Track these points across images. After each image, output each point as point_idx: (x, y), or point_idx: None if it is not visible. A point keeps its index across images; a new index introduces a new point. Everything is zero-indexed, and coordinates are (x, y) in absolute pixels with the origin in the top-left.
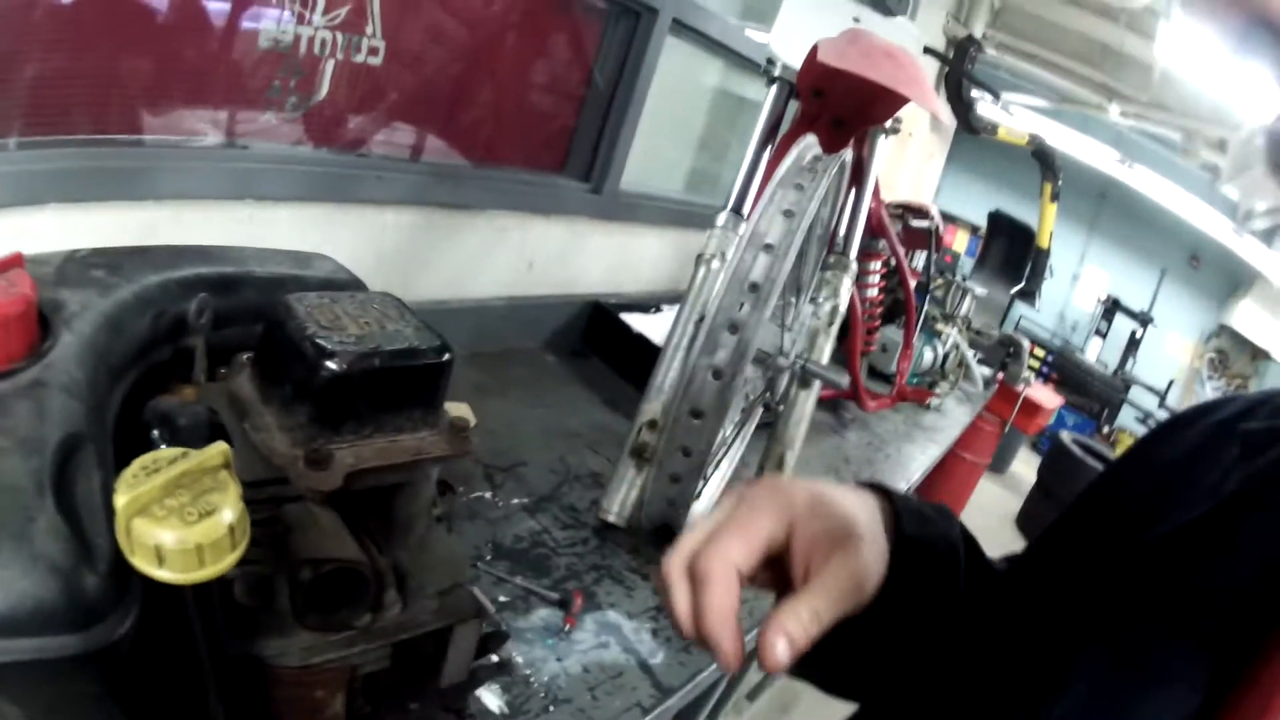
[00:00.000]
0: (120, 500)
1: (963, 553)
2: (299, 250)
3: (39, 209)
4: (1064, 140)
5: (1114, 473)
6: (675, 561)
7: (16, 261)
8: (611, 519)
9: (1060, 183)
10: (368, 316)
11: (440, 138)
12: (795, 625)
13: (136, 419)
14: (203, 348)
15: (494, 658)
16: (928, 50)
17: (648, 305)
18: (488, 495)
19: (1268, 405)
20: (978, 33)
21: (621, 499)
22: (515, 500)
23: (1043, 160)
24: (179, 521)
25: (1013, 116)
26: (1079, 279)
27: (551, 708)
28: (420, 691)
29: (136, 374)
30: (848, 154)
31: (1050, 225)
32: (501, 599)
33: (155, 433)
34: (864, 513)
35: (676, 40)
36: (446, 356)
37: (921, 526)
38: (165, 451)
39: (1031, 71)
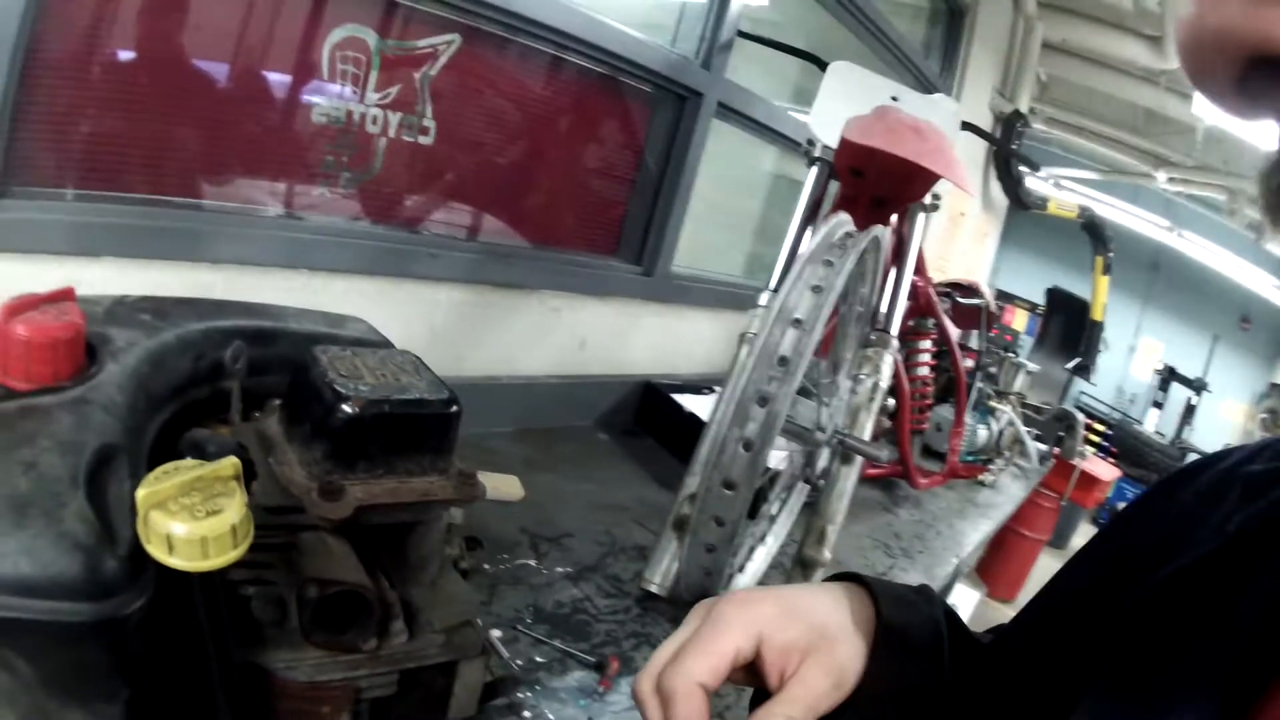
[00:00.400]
0: (141, 493)
1: (946, 633)
2: (335, 313)
3: (94, 260)
4: (1115, 211)
5: (1120, 521)
6: (645, 680)
7: (68, 295)
8: (653, 589)
9: (1112, 254)
10: (385, 370)
11: (493, 218)
12: None
13: (173, 447)
14: (238, 390)
15: (507, 700)
16: (969, 127)
17: (700, 386)
18: (532, 563)
19: (1269, 450)
20: (1024, 106)
21: (664, 569)
22: (559, 569)
23: (1093, 233)
24: (189, 516)
25: (1062, 190)
26: (1135, 351)
27: None
28: None
29: (174, 408)
30: (880, 230)
31: (1103, 298)
32: (538, 659)
33: (187, 458)
34: (837, 612)
35: (726, 125)
36: (454, 409)
37: (902, 611)
38: (186, 462)
39: (1080, 144)
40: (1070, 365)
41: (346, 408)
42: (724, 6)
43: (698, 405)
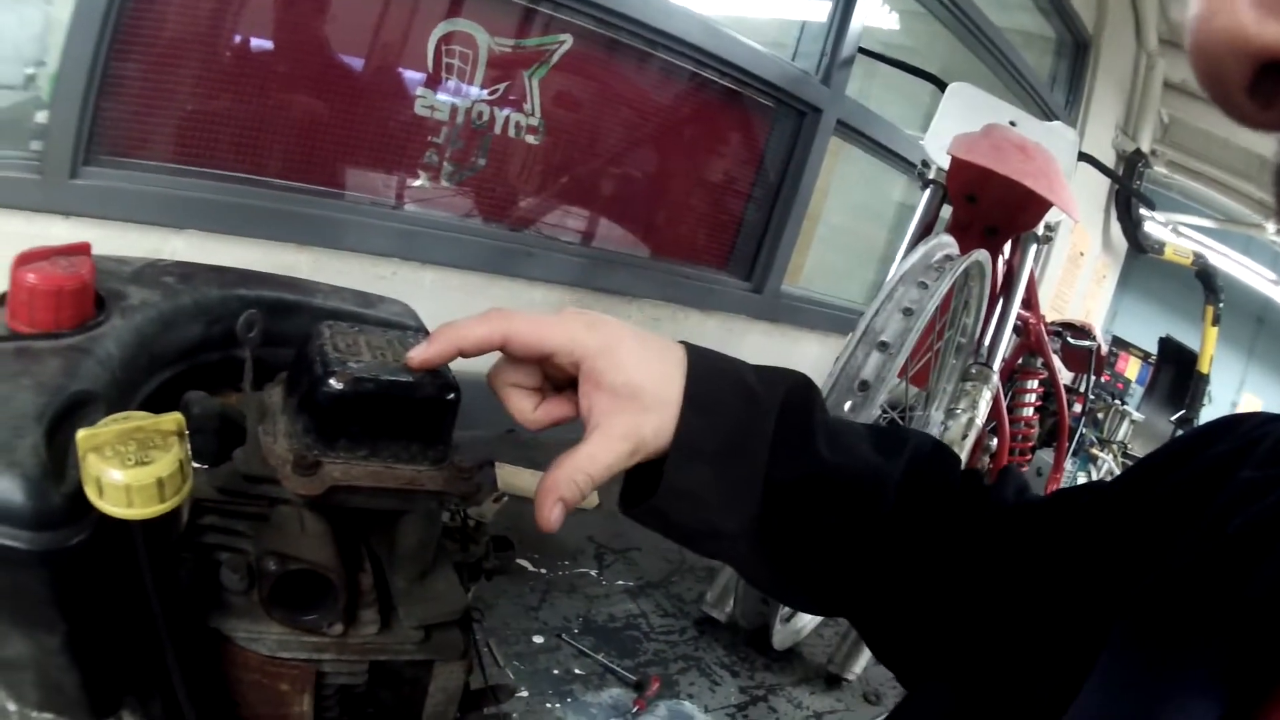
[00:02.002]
0: (81, 434)
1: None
2: (373, 293)
3: (178, 232)
4: (1225, 261)
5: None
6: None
7: (84, 249)
8: (713, 613)
9: (1223, 304)
10: (390, 351)
11: (598, 222)
12: (569, 489)
13: (173, 406)
14: (249, 359)
15: (494, 709)
16: (1087, 158)
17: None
18: (593, 573)
19: (1258, 452)
20: (1146, 146)
21: (726, 594)
22: (620, 581)
23: (1206, 282)
24: (120, 464)
25: (1179, 236)
26: (1237, 406)
27: None
28: None
29: (181, 369)
30: (982, 255)
31: (1211, 349)
32: (576, 670)
33: (140, 411)
34: (666, 383)
35: (856, 150)
36: (450, 396)
37: (709, 390)
38: (136, 413)
39: (1197, 189)
40: (1174, 418)
41: (332, 382)
42: (845, 23)
43: None
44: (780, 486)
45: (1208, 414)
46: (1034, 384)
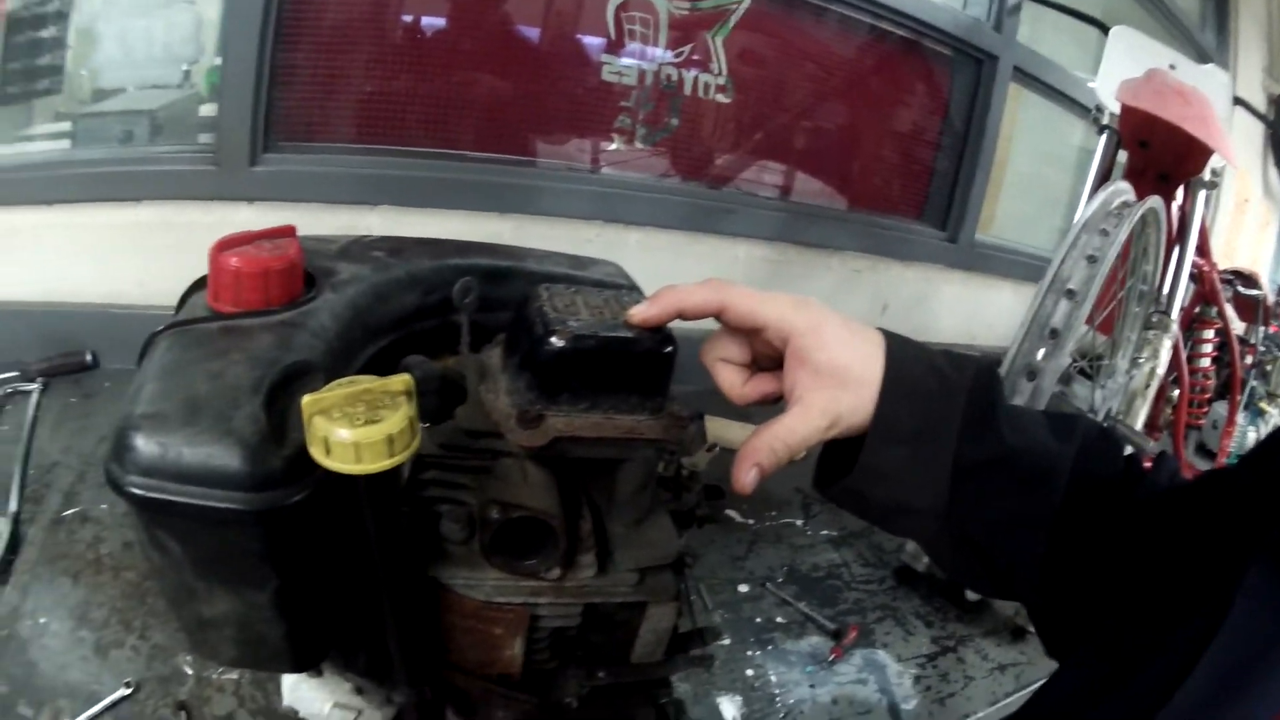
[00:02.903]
0: (306, 399)
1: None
2: (584, 256)
3: (372, 209)
4: None
5: None
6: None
7: (289, 231)
8: (912, 563)
9: None
10: (607, 309)
11: (794, 177)
12: (766, 457)
13: (391, 372)
14: (466, 324)
15: (699, 651)
16: (1241, 102)
17: (996, 361)
18: (799, 523)
19: None
20: None
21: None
22: (824, 532)
23: None
24: (348, 423)
25: None
26: None
27: None
28: (611, 664)
29: (396, 337)
30: (1156, 201)
31: None
32: (778, 619)
33: (368, 375)
34: (868, 363)
35: (1034, 97)
36: (668, 350)
37: (906, 368)
38: (361, 377)
39: None
40: None
41: (553, 340)
42: None
43: None
44: (968, 467)
45: None
46: (1210, 334)
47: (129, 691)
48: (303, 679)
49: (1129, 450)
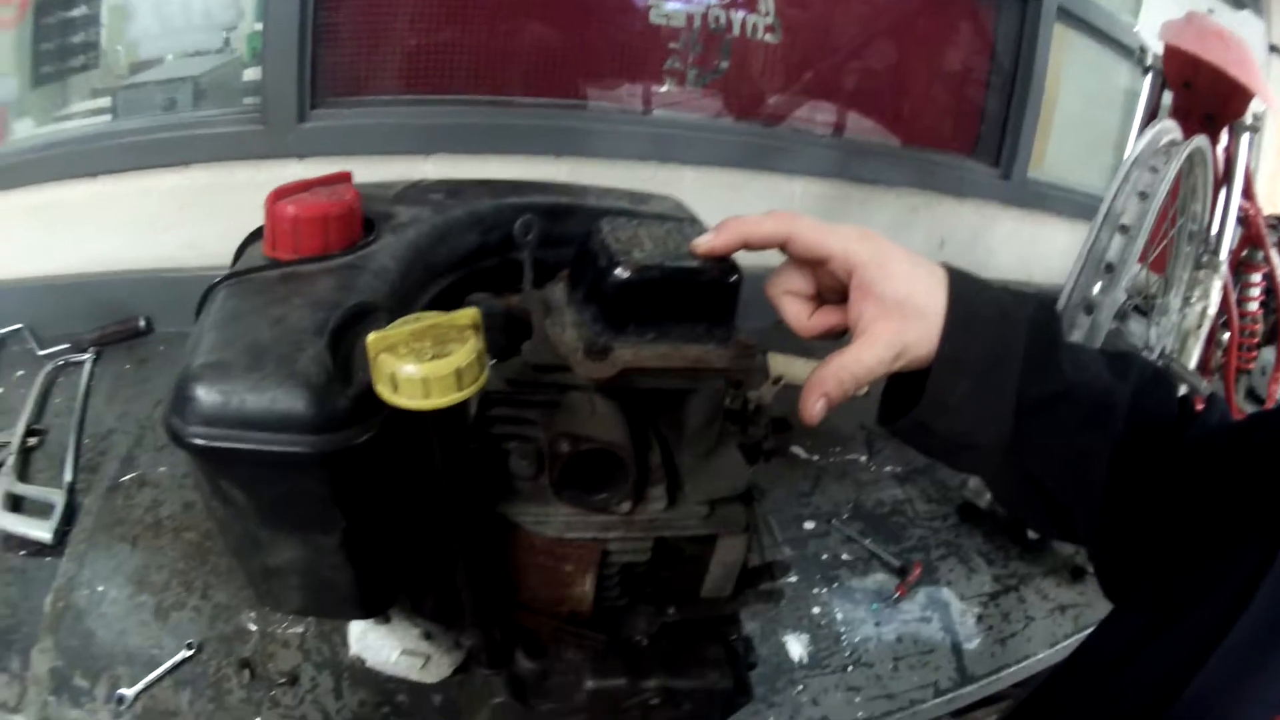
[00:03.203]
0: (371, 337)
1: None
2: (643, 192)
3: (425, 158)
4: None
5: None
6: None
7: (345, 177)
8: (976, 500)
9: None
10: (670, 239)
11: (847, 114)
12: (834, 387)
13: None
14: (529, 261)
15: (770, 586)
16: (1276, 50)
17: (1052, 298)
18: (862, 459)
19: None
20: None
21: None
22: (888, 468)
23: None
24: (415, 359)
25: None
26: None
27: (850, 668)
28: (681, 600)
29: (458, 276)
30: (1202, 140)
31: None
32: (844, 556)
33: (433, 311)
34: (931, 296)
35: (1076, 35)
36: (733, 279)
37: (971, 301)
38: (427, 313)
39: None
40: None
41: (618, 271)
42: None
43: None
44: (1031, 401)
45: None
46: (1257, 278)
47: (190, 653)
48: (370, 626)
49: (1182, 391)
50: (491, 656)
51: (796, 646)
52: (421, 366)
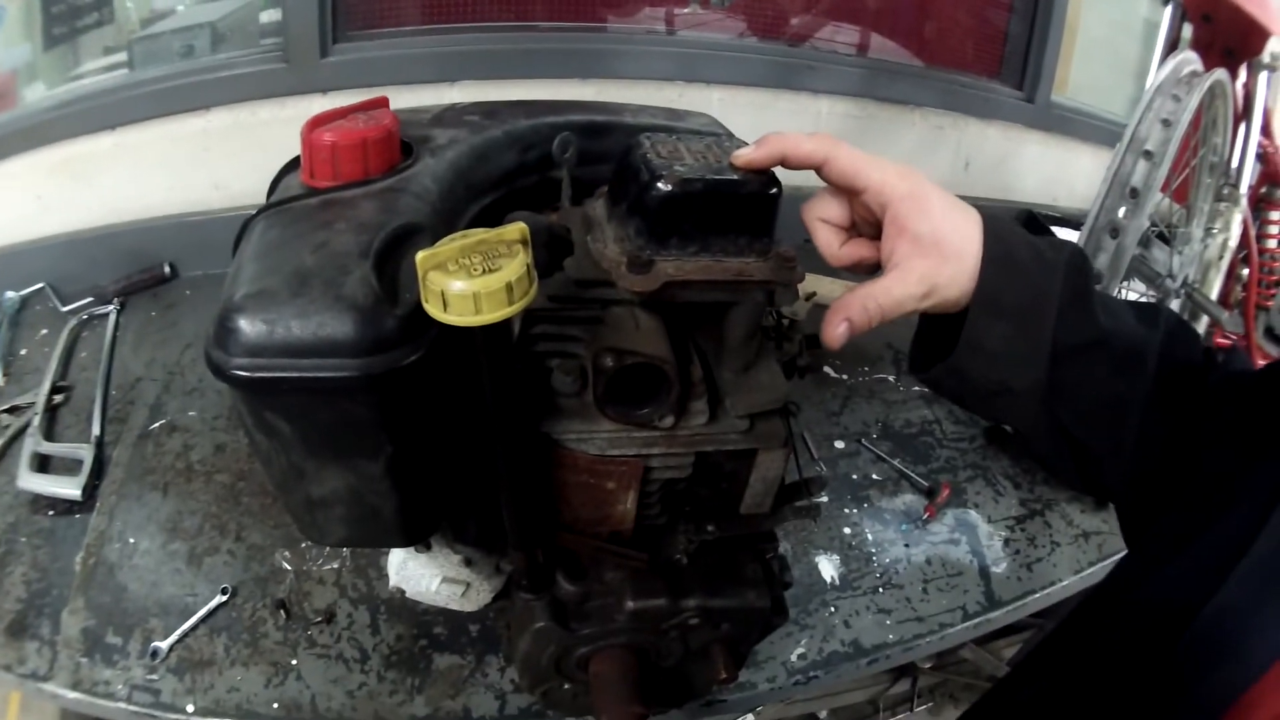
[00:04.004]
0: (420, 255)
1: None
2: (678, 109)
3: (451, 85)
4: None
5: None
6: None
7: (382, 103)
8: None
9: None
10: (710, 153)
11: (872, 34)
12: (858, 314)
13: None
14: (567, 178)
15: (807, 502)
16: None
17: (1079, 222)
18: (891, 378)
19: None
20: None
21: None
22: (916, 388)
23: None
24: (465, 275)
25: None
26: None
27: (881, 589)
28: (721, 517)
29: (498, 195)
30: (1222, 73)
31: None
32: (874, 476)
33: (481, 228)
34: (968, 239)
35: None
36: (774, 190)
37: (1005, 248)
38: (475, 230)
39: None
40: None
41: (660, 185)
42: None
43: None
44: (1067, 347)
45: None
46: (1276, 215)
47: (225, 598)
48: (410, 555)
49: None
50: (533, 580)
51: (828, 567)
52: (472, 282)
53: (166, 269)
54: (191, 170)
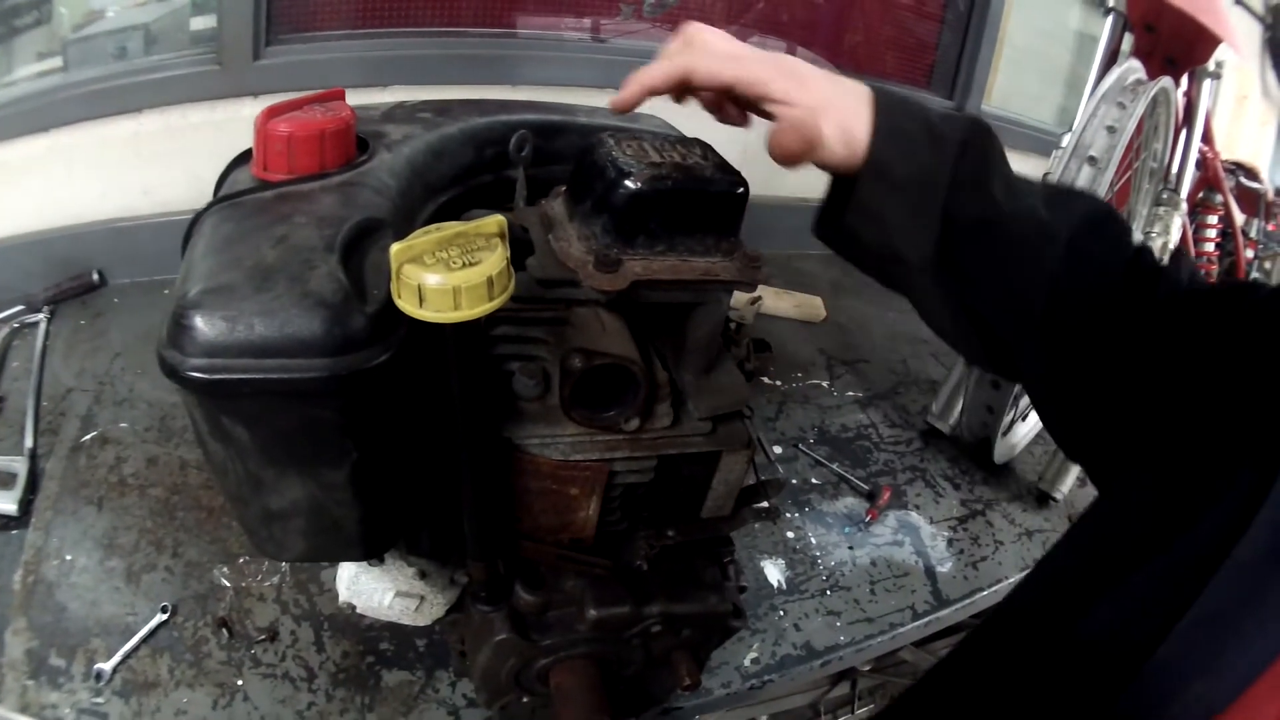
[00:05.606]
0: (395, 248)
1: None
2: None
3: (383, 89)
4: None
5: None
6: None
7: (338, 94)
8: (938, 424)
9: None
10: (672, 152)
11: (802, 47)
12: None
13: None
14: (522, 177)
15: (764, 504)
16: (1239, 1)
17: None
18: (825, 384)
19: None
20: None
21: (950, 407)
22: (850, 393)
23: None
24: (444, 268)
25: None
26: None
27: (829, 591)
28: (680, 522)
29: (455, 193)
30: (1168, 81)
31: None
32: (813, 480)
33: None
34: (847, 107)
35: None
36: (740, 190)
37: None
38: (449, 224)
39: None
40: None
41: (628, 182)
42: None
43: None
44: (957, 223)
45: None
46: (1213, 220)
47: (165, 617)
48: (362, 570)
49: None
50: (492, 592)
51: (774, 571)
52: (451, 276)
53: (95, 276)
54: (122, 174)
